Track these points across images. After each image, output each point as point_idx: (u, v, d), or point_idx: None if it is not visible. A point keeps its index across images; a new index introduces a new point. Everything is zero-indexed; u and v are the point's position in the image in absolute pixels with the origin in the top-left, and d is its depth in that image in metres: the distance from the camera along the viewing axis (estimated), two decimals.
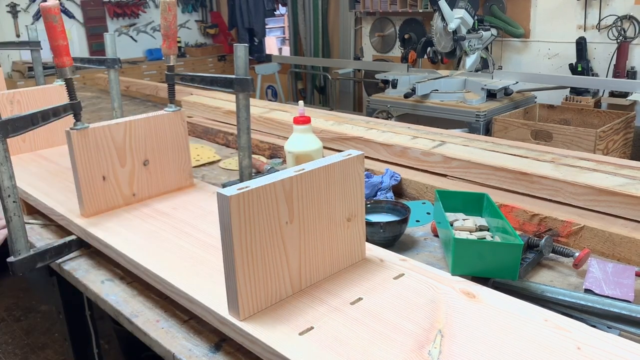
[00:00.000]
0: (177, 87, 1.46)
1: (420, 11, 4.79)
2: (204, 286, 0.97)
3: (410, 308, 0.86)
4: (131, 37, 6.44)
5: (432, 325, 0.82)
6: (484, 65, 3.66)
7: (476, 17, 3.42)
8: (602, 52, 3.84)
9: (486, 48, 3.66)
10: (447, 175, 1.53)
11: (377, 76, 3.77)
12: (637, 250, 1.12)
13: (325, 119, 2.02)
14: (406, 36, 4.84)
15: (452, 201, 1.29)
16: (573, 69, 3.82)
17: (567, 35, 3.95)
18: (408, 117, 3.25)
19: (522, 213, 1.27)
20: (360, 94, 5.63)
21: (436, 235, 1.29)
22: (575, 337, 0.77)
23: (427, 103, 3.24)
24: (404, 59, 4.43)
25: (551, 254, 1.15)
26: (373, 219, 1.24)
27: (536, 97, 3.46)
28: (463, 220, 1.21)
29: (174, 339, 0.95)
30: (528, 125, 2.89)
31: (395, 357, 0.75)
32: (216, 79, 1.36)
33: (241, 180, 1.40)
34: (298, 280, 0.92)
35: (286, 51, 7.19)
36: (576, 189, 1.28)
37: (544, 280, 1.09)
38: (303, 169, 0.89)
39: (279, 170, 0.90)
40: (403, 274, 0.97)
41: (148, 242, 1.15)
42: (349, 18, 5.48)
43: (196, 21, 7.11)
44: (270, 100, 5.96)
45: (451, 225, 1.21)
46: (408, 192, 1.53)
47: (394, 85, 3.46)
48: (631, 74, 3.65)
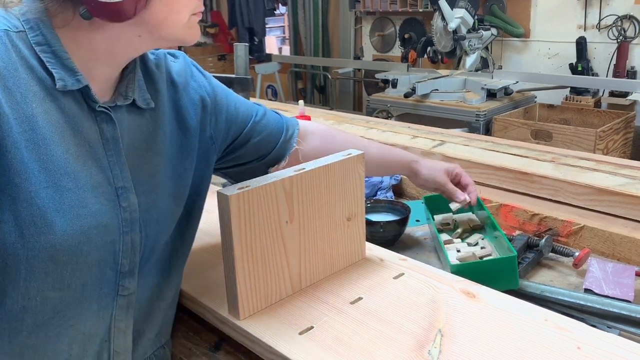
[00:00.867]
0: None
1: (420, 11, 4.78)
2: (204, 285, 0.97)
3: (410, 307, 0.86)
4: None
5: (432, 324, 0.82)
6: (484, 64, 3.65)
7: (476, 17, 3.42)
8: (602, 52, 3.83)
9: (486, 48, 3.66)
10: None
11: (377, 76, 3.76)
12: (637, 250, 1.12)
13: (325, 119, 2.02)
14: (406, 36, 4.83)
15: (440, 203, 1.30)
16: (573, 69, 3.81)
17: (567, 35, 3.95)
18: (408, 117, 3.25)
19: (522, 213, 1.27)
20: (360, 94, 5.62)
21: None
22: (575, 337, 0.77)
23: (427, 103, 3.24)
24: (404, 59, 4.42)
25: (551, 254, 1.15)
26: (373, 219, 1.24)
27: (536, 97, 3.46)
28: (456, 231, 1.22)
29: (174, 338, 0.95)
30: (528, 125, 2.89)
31: (395, 357, 0.75)
32: (216, 79, 1.36)
33: None
34: (298, 279, 0.91)
35: (286, 50, 7.19)
36: (576, 189, 1.28)
37: (544, 279, 1.09)
38: (303, 169, 0.89)
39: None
40: (403, 274, 0.96)
41: None
42: (349, 17, 5.48)
43: None
44: (270, 99, 5.96)
45: (441, 230, 1.22)
46: (408, 192, 1.53)
47: (394, 84, 3.46)
48: (631, 74, 3.65)
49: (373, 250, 1.06)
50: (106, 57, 0.75)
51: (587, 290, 1.01)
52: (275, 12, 6.63)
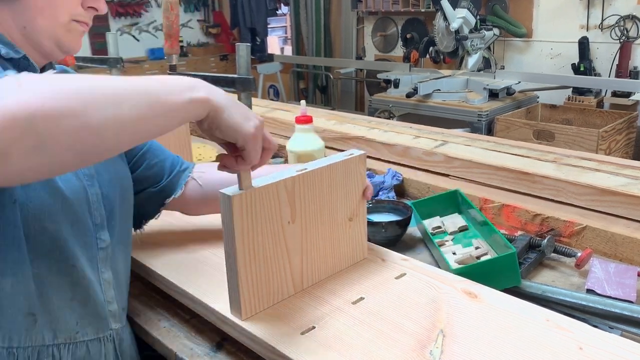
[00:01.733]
0: None
1: (422, 11, 4.78)
2: (206, 285, 0.97)
3: (411, 308, 0.86)
4: (133, 37, 6.44)
5: (434, 324, 0.82)
6: (486, 65, 3.65)
7: (478, 17, 3.42)
8: (605, 52, 3.83)
9: (488, 48, 3.65)
10: (449, 175, 1.53)
11: (379, 76, 3.76)
12: (639, 250, 1.12)
13: (327, 119, 2.02)
14: (408, 36, 4.83)
15: (428, 207, 1.31)
16: (575, 69, 3.81)
17: (570, 35, 3.94)
18: (410, 117, 3.24)
19: (524, 213, 1.27)
20: (362, 94, 5.62)
21: None
22: (576, 338, 0.77)
23: (429, 103, 3.24)
24: (406, 59, 4.42)
25: (553, 254, 1.15)
26: (375, 219, 1.24)
27: (538, 97, 3.46)
28: (446, 237, 1.23)
29: (176, 338, 0.95)
30: (530, 125, 2.89)
31: (396, 357, 0.75)
32: (218, 79, 1.36)
33: None
34: (300, 279, 0.92)
35: (288, 51, 7.19)
36: (578, 189, 1.27)
37: (546, 280, 1.09)
38: (305, 169, 0.89)
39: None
40: (405, 274, 0.97)
41: (150, 242, 1.15)
42: (351, 17, 5.48)
43: (198, 21, 7.11)
44: (272, 99, 5.96)
45: (433, 234, 1.23)
46: (410, 192, 1.53)
47: (396, 84, 3.45)
48: (634, 74, 3.65)
49: (375, 250, 1.06)
50: (20, 45, 0.81)
51: (589, 290, 1.01)
52: (277, 12, 6.63)
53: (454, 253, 1.15)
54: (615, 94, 3.57)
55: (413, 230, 1.31)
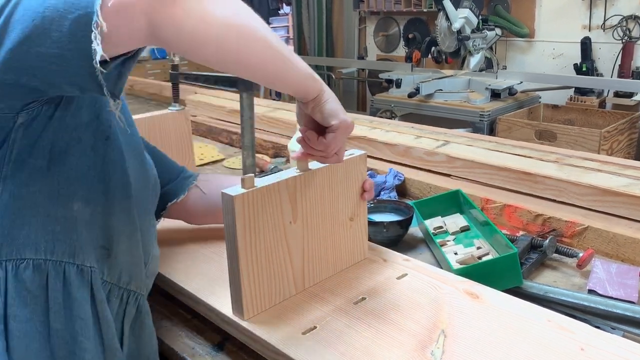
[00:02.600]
0: (181, 86, 1.47)
1: (424, 11, 4.78)
2: (208, 285, 0.97)
3: (413, 308, 0.86)
4: None
5: (435, 325, 0.82)
6: (488, 65, 3.64)
7: (480, 17, 3.41)
8: (607, 52, 3.82)
9: (490, 48, 3.65)
10: (451, 175, 1.53)
11: (381, 76, 3.76)
12: None
13: None
14: (410, 36, 4.83)
15: (430, 207, 1.31)
16: (577, 69, 3.80)
17: (572, 35, 3.93)
18: (412, 117, 3.24)
19: (526, 213, 1.27)
20: (363, 94, 5.62)
21: None
22: (578, 338, 0.77)
23: (431, 103, 3.24)
24: (408, 59, 4.41)
25: (555, 255, 1.15)
26: (376, 219, 1.24)
27: (540, 97, 3.45)
28: (448, 236, 1.23)
29: (177, 338, 0.95)
30: (532, 125, 2.88)
31: (398, 357, 0.75)
32: (220, 78, 1.36)
33: None
34: (301, 279, 0.92)
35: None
36: (580, 189, 1.27)
37: (548, 280, 1.09)
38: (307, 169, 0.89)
39: (283, 169, 0.90)
40: (406, 274, 0.97)
41: None
42: (353, 17, 5.47)
43: None
44: (274, 99, 5.94)
45: (434, 234, 1.23)
46: (411, 192, 1.53)
47: (398, 84, 3.45)
48: (636, 74, 3.63)
49: (376, 250, 1.06)
50: None
51: (591, 291, 1.01)
52: (279, 12, 6.63)
53: (456, 253, 1.15)
54: (617, 95, 3.56)
55: (415, 230, 1.31)
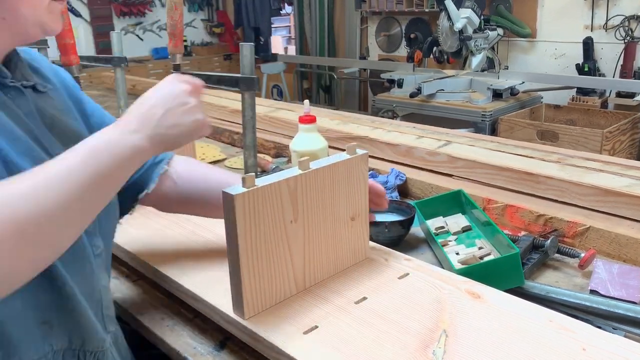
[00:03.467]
0: None
1: (426, 11, 4.78)
2: (209, 284, 0.97)
3: (414, 308, 0.86)
4: (137, 36, 6.45)
5: (437, 325, 0.82)
6: (490, 65, 3.65)
7: (482, 17, 3.42)
8: (609, 52, 3.82)
9: (492, 48, 3.65)
10: (453, 175, 1.53)
11: (383, 76, 3.76)
12: None
13: (330, 119, 2.02)
14: (412, 36, 4.83)
15: (432, 207, 1.31)
16: (580, 69, 3.80)
17: (574, 35, 3.93)
18: (413, 117, 3.24)
19: (528, 213, 1.27)
20: (365, 94, 5.62)
21: None
22: (580, 338, 0.77)
23: (433, 103, 3.24)
24: (410, 59, 4.42)
25: (556, 255, 1.15)
26: (378, 219, 1.24)
27: (542, 97, 3.45)
28: (450, 236, 1.23)
29: (179, 337, 0.95)
30: (534, 125, 2.88)
31: (399, 357, 0.75)
32: (222, 78, 1.36)
33: None
34: (302, 279, 0.92)
35: (292, 50, 7.19)
36: (582, 190, 1.27)
37: (549, 280, 1.09)
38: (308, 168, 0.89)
39: (284, 169, 0.90)
40: (408, 274, 0.96)
41: (154, 240, 1.15)
42: (355, 17, 5.48)
43: (202, 20, 7.12)
44: (275, 99, 5.96)
45: (436, 234, 1.23)
46: (413, 192, 1.53)
47: (400, 84, 3.45)
48: (638, 75, 3.63)
49: (378, 250, 1.06)
50: None
51: (593, 291, 1.01)
52: (281, 12, 6.64)
53: (457, 253, 1.15)
54: (619, 95, 3.56)
55: (416, 230, 1.31)
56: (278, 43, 7.59)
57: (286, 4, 6.50)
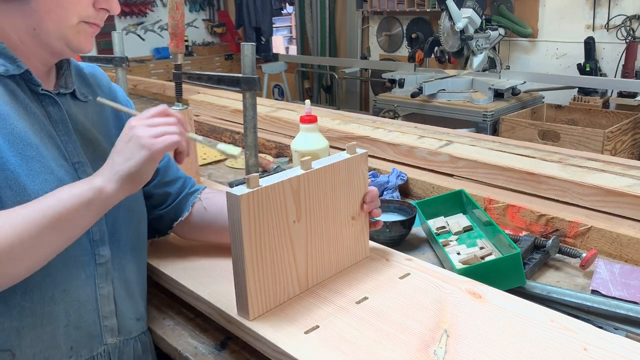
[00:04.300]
0: (184, 86, 1.47)
1: (427, 10, 4.78)
2: (210, 284, 0.97)
3: (415, 307, 0.86)
4: (139, 36, 6.45)
5: (438, 325, 0.82)
6: (492, 65, 3.64)
7: (484, 17, 3.41)
8: (611, 52, 3.81)
9: (494, 48, 3.64)
10: (454, 175, 1.53)
11: (384, 75, 3.76)
12: None
13: (331, 118, 2.02)
14: (413, 35, 4.82)
15: (433, 207, 1.31)
16: (581, 69, 3.80)
17: (575, 35, 3.93)
18: (415, 117, 3.24)
19: (529, 213, 1.27)
20: (366, 94, 5.62)
21: None
22: (581, 338, 0.77)
23: (434, 103, 3.24)
24: (411, 59, 4.41)
25: (558, 255, 1.15)
26: (379, 218, 1.24)
27: (544, 97, 3.45)
28: (451, 236, 1.23)
29: (180, 337, 0.96)
30: (535, 125, 2.88)
31: (400, 357, 0.75)
32: (223, 78, 1.36)
33: None
34: (305, 279, 0.92)
35: (293, 50, 7.19)
36: (583, 190, 1.27)
37: (551, 280, 1.09)
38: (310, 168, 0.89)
39: (285, 169, 0.90)
40: (409, 274, 0.96)
41: (154, 240, 1.15)
42: (356, 17, 5.47)
43: (203, 20, 7.12)
44: (276, 99, 5.96)
45: (437, 234, 1.23)
46: (414, 192, 1.53)
47: (401, 84, 3.45)
48: (639, 74, 3.63)
49: (379, 250, 1.06)
50: (24, 51, 0.82)
51: (594, 291, 1.01)
52: (282, 12, 6.63)
53: (459, 253, 1.15)
54: (621, 95, 3.56)
55: (417, 230, 1.31)
56: (279, 43, 7.59)
57: (287, 4, 6.50)
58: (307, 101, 1.44)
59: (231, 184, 1.59)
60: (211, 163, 1.90)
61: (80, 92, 0.93)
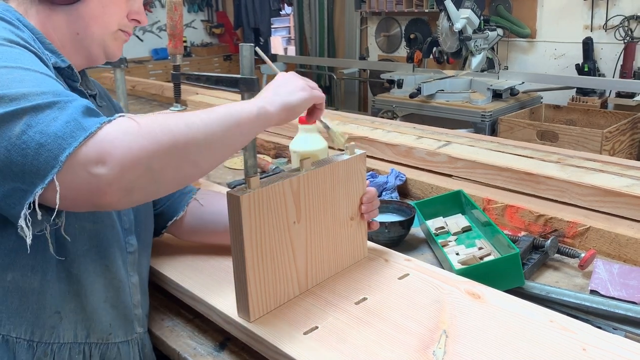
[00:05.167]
0: (183, 87, 1.47)
1: (426, 11, 4.78)
2: (209, 285, 0.97)
3: (414, 308, 0.86)
4: (137, 37, 6.44)
5: (437, 325, 0.82)
6: (490, 65, 3.64)
7: (482, 17, 3.41)
8: (609, 53, 3.82)
9: (492, 48, 3.65)
10: (453, 175, 1.53)
11: (383, 76, 3.76)
12: None
13: (330, 119, 2.01)
14: (412, 36, 4.83)
15: (432, 207, 1.31)
16: (579, 70, 3.80)
17: (574, 35, 3.93)
18: (413, 117, 3.24)
19: (528, 214, 1.27)
20: (365, 94, 5.62)
21: None
22: (580, 339, 0.77)
23: (433, 103, 3.24)
24: (410, 59, 4.42)
25: (556, 255, 1.15)
26: (378, 219, 1.24)
27: (542, 98, 3.45)
28: (450, 236, 1.23)
29: (179, 338, 0.96)
30: (534, 125, 2.88)
31: (399, 357, 0.75)
32: (222, 79, 1.36)
33: None
34: (305, 280, 0.92)
35: (292, 51, 7.19)
36: (582, 190, 1.27)
37: (550, 281, 1.09)
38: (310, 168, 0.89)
39: (284, 170, 0.90)
40: (408, 274, 0.97)
41: (153, 241, 1.15)
42: (355, 18, 5.48)
43: (202, 21, 7.12)
44: None
45: (436, 235, 1.23)
46: (413, 192, 1.53)
47: (400, 85, 3.45)
48: (638, 75, 3.63)
49: (378, 250, 1.06)
50: (63, 54, 0.84)
51: (593, 291, 1.01)
52: (280, 13, 6.64)
53: (457, 253, 1.15)
54: (619, 95, 3.56)
55: (416, 230, 1.31)
56: (278, 44, 7.59)
57: (286, 5, 6.51)
58: None
59: (230, 185, 1.59)
60: None
61: (99, 97, 0.97)
